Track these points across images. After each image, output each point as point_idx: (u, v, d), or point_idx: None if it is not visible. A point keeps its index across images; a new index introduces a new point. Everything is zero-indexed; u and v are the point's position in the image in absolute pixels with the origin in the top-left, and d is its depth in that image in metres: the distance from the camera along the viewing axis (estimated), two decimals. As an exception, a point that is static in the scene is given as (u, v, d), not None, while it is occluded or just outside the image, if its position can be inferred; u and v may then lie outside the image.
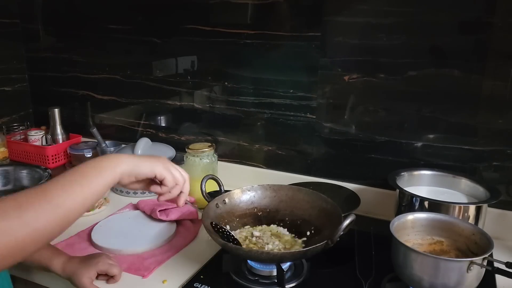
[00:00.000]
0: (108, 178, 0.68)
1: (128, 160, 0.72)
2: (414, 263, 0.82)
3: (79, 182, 0.64)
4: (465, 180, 1.12)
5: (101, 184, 0.67)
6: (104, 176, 0.68)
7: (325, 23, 1.22)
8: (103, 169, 0.68)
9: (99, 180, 0.67)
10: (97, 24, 1.58)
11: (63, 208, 0.60)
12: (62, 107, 1.66)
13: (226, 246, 0.89)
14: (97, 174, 0.67)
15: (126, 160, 0.72)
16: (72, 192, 0.62)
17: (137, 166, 0.73)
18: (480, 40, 1.08)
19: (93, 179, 0.66)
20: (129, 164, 0.71)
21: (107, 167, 0.69)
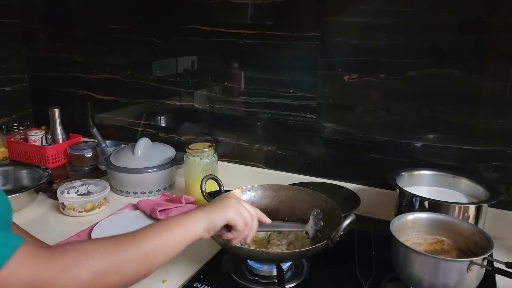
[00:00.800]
0: (189, 241, 0.73)
1: (202, 216, 0.75)
2: (414, 263, 0.82)
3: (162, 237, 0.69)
4: (465, 180, 1.12)
5: (180, 244, 0.72)
6: (184, 238, 0.72)
7: (325, 23, 1.22)
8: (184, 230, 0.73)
9: (180, 241, 0.72)
10: (97, 24, 1.58)
11: (147, 258, 0.66)
12: (62, 107, 1.66)
13: (226, 246, 0.89)
14: (178, 234, 0.72)
15: (201, 218, 0.75)
16: (155, 245, 0.68)
17: (211, 221, 0.75)
18: (480, 40, 1.08)
19: (177, 239, 0.71)
20: (204, 221, 0.74)
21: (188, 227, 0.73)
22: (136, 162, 1.37)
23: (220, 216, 0.76)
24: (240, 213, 0.79)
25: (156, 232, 0.69)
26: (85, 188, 1.32)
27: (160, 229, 0.70)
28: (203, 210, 0.76)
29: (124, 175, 1.36)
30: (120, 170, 1.36)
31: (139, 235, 0.67)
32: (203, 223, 0.74)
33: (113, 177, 1.39)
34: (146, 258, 0.65)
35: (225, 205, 0.78)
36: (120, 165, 1.37)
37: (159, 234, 0.68)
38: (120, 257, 0.62)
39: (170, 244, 0.70)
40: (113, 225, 1.17)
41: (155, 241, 0.67)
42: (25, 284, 0.53)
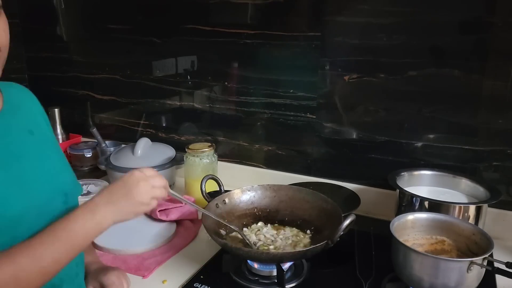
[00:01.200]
0: (92, 238, 0.70)
1: (110, 215, 0.70)
2: (414, 263, 0.82)
3: (63, 244, 0.66)
4: (465, 180, 1.12)
5: (85, 244, 0.69)
6: (88, 237, 0.69)
7: (325, 23, 1.22)
8: (88, 232, 0.68)
9: (84, 241, 0.68)
10: (97, 24, 1.58)
11: (47, 269, 0.64)
12: (62, 107, 1.66)
13: (226, 246, 0.89)
14: (81, 237, 0.67)
15: (109, 217, 0.70)
16: (55, 254, 0.64)
17: (121, 219, 0.71)
18: (480, 40, 1.08)
19: (77, 241, 0.67)
20: (112, 220, 0.70)
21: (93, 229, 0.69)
22: (136, 162, 1.37)
23: (129, 216, 0.71)
24: (152, 197, 0.73)
25: (57, 241, 0.64)
26: (85, 188, 1.32)
27: (61, 236, 0.65)
28: (109, 208, 0.69)
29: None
30: (120, 170, 1.36)
31: (37, 250, 0.63)
32: (108, 224, 0.70)
33: (113, 177, 1.39)
34: (47, 272, 0.64)
35: (133, 202, 0.71)
36: (120, 165, 1.37)
37: (60, 242, 0.65)
38: (19, 279, 0.61)
39: (74, 249, 0.67)
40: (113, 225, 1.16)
41: (55, 254, 0.64)
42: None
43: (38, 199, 0.70)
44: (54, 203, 0.72)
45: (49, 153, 0.77)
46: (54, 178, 0.75)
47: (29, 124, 0.76)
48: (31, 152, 0.73)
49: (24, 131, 0.74)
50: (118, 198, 0.70)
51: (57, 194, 0.74)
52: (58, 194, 0.74)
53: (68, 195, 0.76)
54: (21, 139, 0.73)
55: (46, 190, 0.72)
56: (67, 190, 0.76)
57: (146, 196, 0.72)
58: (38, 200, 0.69)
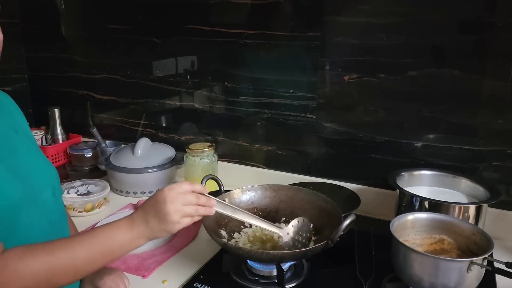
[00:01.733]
0: (127, 252, 0.72)
1: (144, 233, 0.72)
2: (414, 263, 0.82)
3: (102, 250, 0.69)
4: (465, 180, 1.12)
5: (118, 256, 0.72)
6: (124, 251, 0.72)
7: (325, 23, 1.22)
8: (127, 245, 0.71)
9: (120, 253, 0.71)
10: (97, 24, 1.58)
11: (80, 267, 0.68)
12: (62, 107, 1.66)
13: (226, 246, 0.89)
14: (120, 248, 0.71)
15: (143, 234, 0.72)
16: (93, 258, 0.68)
17: (153, 236, 0.73)
18: (480, 40, 1.08)
19: (115, 251, 0.71)
20: (146, 238, 0.72)
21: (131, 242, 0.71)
22: (136, 162, 1.37)
23: (163, 232, 0.72)
24: (182, 216, 0.73)
25: (95, 243, 0.68)
26: (85, 188, 1.32)
27: (100, 240, 0.69)
28: (145, 226, 0.71)
29: (124, 175, 1.36)
30: (120, 170, 1.36)
31: (75, 246, 0.67)
32: (144, 241, 0.72)
33: (113, 177, 1.39)
34: (79, 270, 0.67)
35: (165, 217, 0.71)
36: (120, 165, 1.37)
37: (98, 245, 0.68)
38: (52, 272, 0.64)
39: (109, 255, 0.70)
40: (113, 225, 1.17)
41: (90, 253, 0.67)
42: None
43: (32, 191, 0.72)
44: (44, 195, 0.76)
45: (34, 151, 0.81)
46: (42, 172, 0.78)
47: (13, 123, 0.79)
48: (19, 149, 0.75)
49: (10, 130, 0.76)
50: (150, 218, 0.72)
51: (47, 187, 0.77)
52: (48, 187, 0.77)
53: (55, 189, 0.80)
54: (8, 136, 0.75)
55: (37, 182, 0.74)
56: (54, 184, 0.80)
57: (175, 216, 0.72)
58: (32, 192, 0.72)
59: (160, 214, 0.71)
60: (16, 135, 0.77)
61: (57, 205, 0.81)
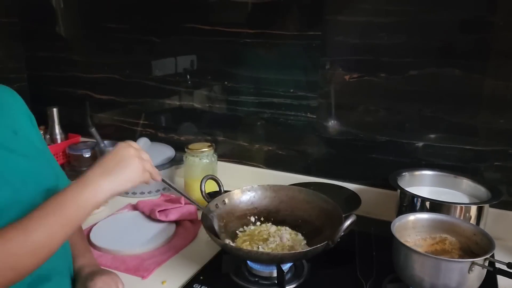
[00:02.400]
0: (87, 211, 0.68)
1: (105, 187, 0.69)
2: (415, 264, 0.82)
3: (56, 218, 0.64)
4: (466, 180, 1.12)
5: (80, 219, 0.67)
6: (83, 211, 0.67)
7: (325, 22, 1.22)
8: (82, 204, 0.67)
9: (78, 215, 0.67)
10: (96, 24, 1.58)
11: (41, 245, 0.62)
12: (60, 107, 1.65)
13: (226, 246, 0.89)
14: (75, 209, 0.66)
15: (104, 188, 0.69)
16: (48, 230, 0.63)
17: (116, 191, 0.70)
18: (481, 39, 1.07)
19: (71, 215, 0.65)
20: (108, 192, 0.69)
21: (86, 200, 0.67)
22: (135, 162, 1.36)
23: (125, 185, 0.71)
24: (144, 171, 0.73)
25: (47, 214, 0.63)
26: (84, 188, 1.31)
27: (52, 210, 0.64)
28: (104, 178, 0.68)
29: (123, 175, 1.35)
30: (119, 170, 1.35)
31: (28, 225, 0.61)
32: (104, 195, 0.68)
33: (112, 177, 1.38)
34: (41, 248, 0.62)
35: (128, 170, 0.71)
36: (119, 165, 1.36)
37: (51, 219, 0.63)
38: (11, 256, 0.59)
39: (68, 223, 0.65)
40: (112, 225, 1.16)
41: (48, 228, 0.62)
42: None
43: (21, 195, 0.70)
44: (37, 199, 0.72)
45: (33, 153, 0.77)
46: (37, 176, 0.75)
47: (13, 125, 0.76)
48: (15, 151, 0.73)
49: (8, 131, 0.74)
50: (112, 167, 0.70)
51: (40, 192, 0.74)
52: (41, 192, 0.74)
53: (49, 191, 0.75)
54: (5, 138, 0.73)
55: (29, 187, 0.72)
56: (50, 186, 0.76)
57: (139, 165, 0.72)
58: (21, 196, 0.69)
59: (125, 162, 0.71)
60: (14, 137, 0.75)
61: None
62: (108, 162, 0.71)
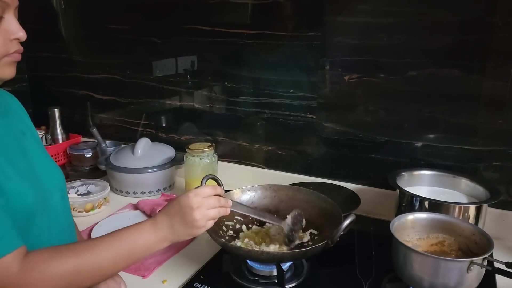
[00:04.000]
0: (149, 254, 0.74)
1: (169, 237, 0.74)
2: (414, 263, 0.82)
3: (125, 248, 0.71)
4: (465, 180, 1.12)
5: (140, 258, 0.74)
6: (147, 253, 0.74)
7: (325, 23, 1.22)
8: (149, 248, 0.73)
9: (142, 255, 0.73)
10: (97, 24, 1.58)
11: (103, 266, 0.69)
12: (62, 107, 1.66)
13: (226, 246, 0.89)
14: (142, 249, 0.72)
15: (167, 238, 0.74)
16: (116, 255, 0.70)
17: (177, 240, 0.75)
18: (480, 40, 1.08)
19: (138, 252, 0.72)
20: (169, 241, 0.74)
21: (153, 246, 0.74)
22: (136, 162, 1.37)
23: (188, 236, 0.75)
24: (207, 220, 0.76)
25: (119, 246, 0.70)
26: (85, 188, 1.32)
27: (124, 242, 0.71)
28: (169, 230, 0.74)
29: (124, 175, 1.36)
30: (120, 170, 1.36)
31: (99, 246, 0.68)
32: (167, 244, 0.74)
33: (113, 177, 1.39)
34: (103, 271, 0.68)
35: (192, 223, 0.74)
36: (120, 165, 1.37)
37: (122, 248, 0.70)
38: (77, 273, 0.65)
39: (132, 258, 0.71)
40: (113, 225, 1.16)
41: (114, 254, 0.69)
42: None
43: (43, 194, 0.72)
44: (54, 197, 0.76)
45: (42, 152, 0.80)
46: (51, 174, 0.78)
47: (19, 125, 0.78)
48: (28, 151, 0.74)
49: (18, 132, 0.76)
50: (175, 223, 0.74)
51: (56, 190, 0.77)
52: (57, 190, 0.78)
53: (63, 191, 0.80)
54: (18, 139, 0.74)
55: (47, 185, 0.75)
56: (62, 186, 0.81)
57: (201, 222, 0.74)
58: (42, 195, 0.72)
59: (187, 219, 0.74)
60: (24, 137, 0.76)
61: (65, 208, 0.81)
62: (172, 215, 0.74)
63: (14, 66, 0.71)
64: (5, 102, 0.79)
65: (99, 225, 1.15)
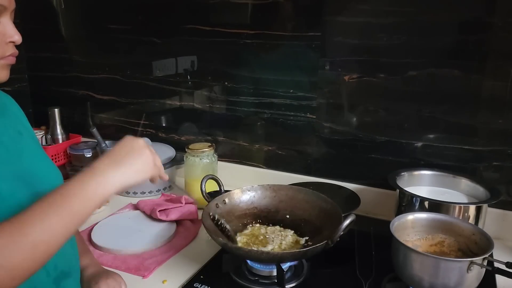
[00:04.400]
0: (94, 205, 0.61)
1: (116, 179, 0.63)
2: (414, 263, 0.82)
3: (59, 212, 0.57)
4: (465, 180, 1.12)
5: (85, 213, 0.60)
6: (90, 204, 0.61)
7: (325, 23, 1.22)
8: (89, 195, 0.60)
9: (85, 209, 0.60)
10: (97, 24, 1.58)
11: (40, 244, 0.55)
12: (62, 107, 1.66)
13: (226, 246, 0.89)
14: (81, 201, 0.60)
15: (115, 180, 0.63)
16: (50, 225, 0.56)
17: (126, 184, 0.65)
18: (480, 40, 1.08)
19: (76, 208, 0.59)
20: (118, 185, 0.63)
21: (94, 192, 0.61)
22: (136, 162, 1.36)
23: (136, 177, 0.66)
24: (154, 165, 0.69)
25: (50, 212, 0.57)
26: (85, 188, 1.32)
27: (56, 205, 0.58)
28: (113, 169, 0.63)
29: (124, 175, 1.35)
30: (120, 170, 1.36)
31: (25, 221, 0.55)
32: (114, 187, 0.62)
33: (113, 177, 1.39)
34: (38, 247, 0.55)
35: (140, 161, 0.66)
36: (120, 165, 1.37)
37: (53, 213, 0.57)
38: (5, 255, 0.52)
39: (71, 221, 0.58)
40: (113, 225, 1.17)
41: (47, 224, 0.56)
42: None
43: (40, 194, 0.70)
44: None
45: (39, 153, 0.79)
46: (49, 175, 0.77)
47: (16, 126, 0.77)
48: (25, 151, 0.74)
49: (14, 132, 0.75)
50: (122, 157, 0.65)
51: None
52: None
53: None
54: (14, 139, 0.73)
55: (44, 186, 0.73)
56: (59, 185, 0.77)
57: (150, 157, 0.68)
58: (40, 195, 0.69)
59: (135, 152, 0.66)
60: (21, 138, 0.76)
61: None
62: (118, 153, 0.65)
63: (8, 69, 0.71)
64: (2, 102, 0.79)
65: (99, 225, 1.15)
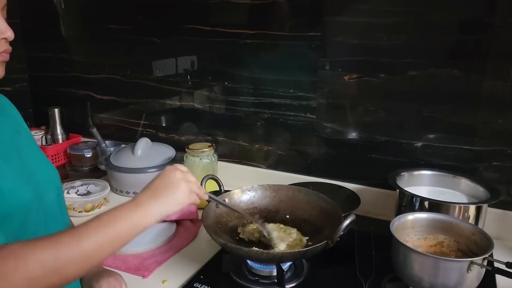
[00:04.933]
0: (136, 233, 0.68)
1: (154, 210, 0.70)
2: (414, 263, 0.82)
3: (108, 232, 0.65)
4: (465, 180, 1.12)
5: (128, 238, 0.68)
6: (133, 232, 0.68)
7: (325, 23, 1.22)
8: (134, 223, 0.68)
9: (128, 234, 0.67)
10: (97, 24, 1.58)
11: (89, 253, 0.63)
12: (62, 107, 1.66)
13: (226, 246, 0.89)
14: (128, 228, 0.67)
15: (153, 212, 0.70)
16: (101, 240, 0.64)
17: (164, 214, 0.71)
18: (480, 40, 1.08)
19: (123, 232, 0.67)
20: (156, 215, 0.70)
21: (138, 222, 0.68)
22: (136, 162, 1.37)
23: (174, 208, 0.72)
24: (190, 193, 0.74)
25: (101, 226, 0.65)
26: (85, 188, 1.32)
27: (106, 223, 0.65)
28: (154, 201, 0.70)
29: (124, 175, 1.36)
30: (120, 170, 1.36)
31: (81, 233, 0.63)
32: (154, 218, 0.69)
33: (113, 177, 1.39)
34: (88, 258, 0.63)
35: (176, 193, 0.72)
36: (120, 165, 1.37)
37: (103, 231, 0.64)
38: (59, 260, 0.60)
39: (116, 240, 0.66)
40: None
41: (98, 239, 0.63)
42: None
43: (38, 191, 0.72)
44: (50, 195, 0.76)
45: (37, 152, 0.80)
46: (47, 173, 0.78)
47: (14, 125, 0.78)
48: (23, 150, 0.75)
49: (13, 131, 0.76)
50: (160, 191, 0.71)
51: (52, 188, 0.77)
52: (52, 188, 0.78)
53: (59, 189, 0.80)
54: (12, 138, 0.75)
55: (42, 184, 0.74)
56: (58, 185, 0.80)
57: (186, 188, 0.73)
58: (39, 192, 0.72)
59: (172, 186, 0.72)
60: (19, 137, 0.77)
61: (61, 206, 0.81)
62: (157, 186, 0.72)
63: (3, 66, 0.72)
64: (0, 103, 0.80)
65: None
